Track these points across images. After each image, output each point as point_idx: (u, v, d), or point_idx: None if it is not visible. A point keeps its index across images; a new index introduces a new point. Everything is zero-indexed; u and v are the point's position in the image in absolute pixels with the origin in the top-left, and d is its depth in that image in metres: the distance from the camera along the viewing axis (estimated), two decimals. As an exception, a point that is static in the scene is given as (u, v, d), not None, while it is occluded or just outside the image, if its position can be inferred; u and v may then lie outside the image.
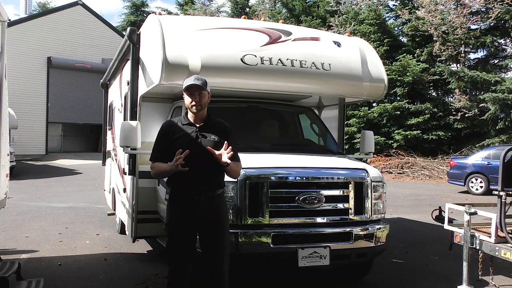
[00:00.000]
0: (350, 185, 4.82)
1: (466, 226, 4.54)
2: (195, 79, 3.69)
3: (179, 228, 3.69)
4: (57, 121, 28.30)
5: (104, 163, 10.00)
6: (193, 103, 3.66)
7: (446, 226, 4.96)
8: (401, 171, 21.10)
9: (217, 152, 3.52)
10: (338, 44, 5.84)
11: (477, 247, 4.53)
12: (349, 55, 5.83)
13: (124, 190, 6.73)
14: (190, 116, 3.76)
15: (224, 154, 3.52)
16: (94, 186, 15.24)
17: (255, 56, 5.22)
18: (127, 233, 6.80)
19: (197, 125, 3.73)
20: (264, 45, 5.35)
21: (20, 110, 21.76)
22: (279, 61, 5.29)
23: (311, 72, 5.43)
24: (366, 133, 6.56)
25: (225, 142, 3.58)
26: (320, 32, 6.50)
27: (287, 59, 5.33)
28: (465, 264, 4.58)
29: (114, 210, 8.32)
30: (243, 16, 6.39)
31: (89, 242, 7.51)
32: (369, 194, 4.88)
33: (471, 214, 4.47)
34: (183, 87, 3.69)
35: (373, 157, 6.61)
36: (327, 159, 5.31)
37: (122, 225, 7.46)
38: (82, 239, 7.71)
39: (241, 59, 5.16)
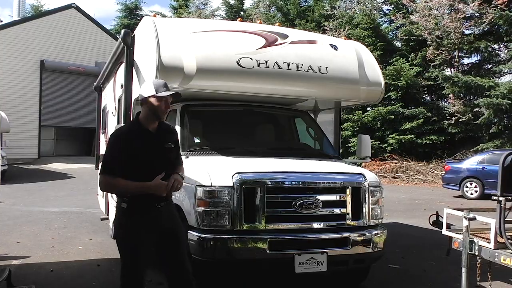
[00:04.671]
0: (347, 190, 4.75)
1: (465, 232, 4.47)
2: (166, 85, 3.50)
3: (142, 241, 3.41)
4: (50, 124, 28.05)
5: (97, 167, 9.88)
6: (165, 110, 3.47)
7: (444, 231, 4.89)
8: (396, 176, 21.09)
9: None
10: (335, 47, 5.79)
11: (476, 253, 4.46)
12: (346, 58, 5.78)
13: (118, 194, 6.62)
14: (146, 122, 3.48)
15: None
16: (87, 190, 15.08)
17: (251, 59, 5.15)
18: (120, 238, 6.68)
19: (153, 132, 3.51)
20: (260, 48, 5.29)
21: (12, 114, 21.58)
22: (275, 64, 5.23)
23: (307, 75, 5.38)
24: (362, 137, 6.48)
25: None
26: (316, 35, 6.45)
27: (283, 62, 5.28)
28: (464, 270, 4.50)
29: (107, 214, 8.21)
30: (238, 19, 6.34)
31: (81, 248, 7.39)
32: (367, 199, 4.82)
33: (470, 219, 4.40)
34: (156, 92, 3.40)
35: (368, 161, 6.57)
36: (324, 163, 5.25)
37: (115, 230, 7.32)
38: (75, 245, 7.59)
39: (237, 62, 5.09)
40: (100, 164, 3.49)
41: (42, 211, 11.26)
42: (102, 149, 9.04)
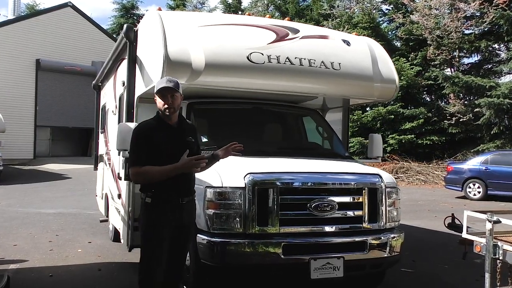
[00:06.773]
0: (363, 191, 4.54)
1: (488, 235, 4.25)
2: (168, 81, 3.56)
3: (164, 237, 3.55)
4: (45, 124, 27.70)
5: (96, 168, 9.63)
6: (166, 106, 3.53)
7: (464, 234, 4.67)
8: (396, 176, 20.89)
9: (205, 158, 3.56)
10: (348, 43, 5.57)
11: (500, 257, 4.25)
12: (359, 54, 5.55)
13: (119, 196, 6.39)
14: (164, 117, 3.62)
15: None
16: (84, 191, 14.82)
17: (262, 54, 4.92)
18: (122, 241, 6.45)
19: (175, 127, 3.65)
20: (271, 42, 5.06)
21: (7, 114, 21.29)
22: (287, 60, 5.00)
23: (320, 71, 5.15)
24: (374, 137, 6.25)
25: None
26: (328, 30, 6.23)
27: (295, 58, 5.05)
28: (487, 275, 4.28)
29: (107, 216, 7.97)
30: (247, 13, 6.11)
31: (81, 251, 7.14)
32: (383, 200, 4.62)
33: (494, 222, 4.18)
34: (155, 90, 3.55)
35: (379, 161, 6.33)
36: (338, 163, 5.03)
37: (116, 232, 7.11)
38: (74, 247, 7.34)
39: (247, 57, 4.86)
40: (127, 160, 3.76)
41: (39, 212, 10.98)
42: (102, 149, 8.79)
